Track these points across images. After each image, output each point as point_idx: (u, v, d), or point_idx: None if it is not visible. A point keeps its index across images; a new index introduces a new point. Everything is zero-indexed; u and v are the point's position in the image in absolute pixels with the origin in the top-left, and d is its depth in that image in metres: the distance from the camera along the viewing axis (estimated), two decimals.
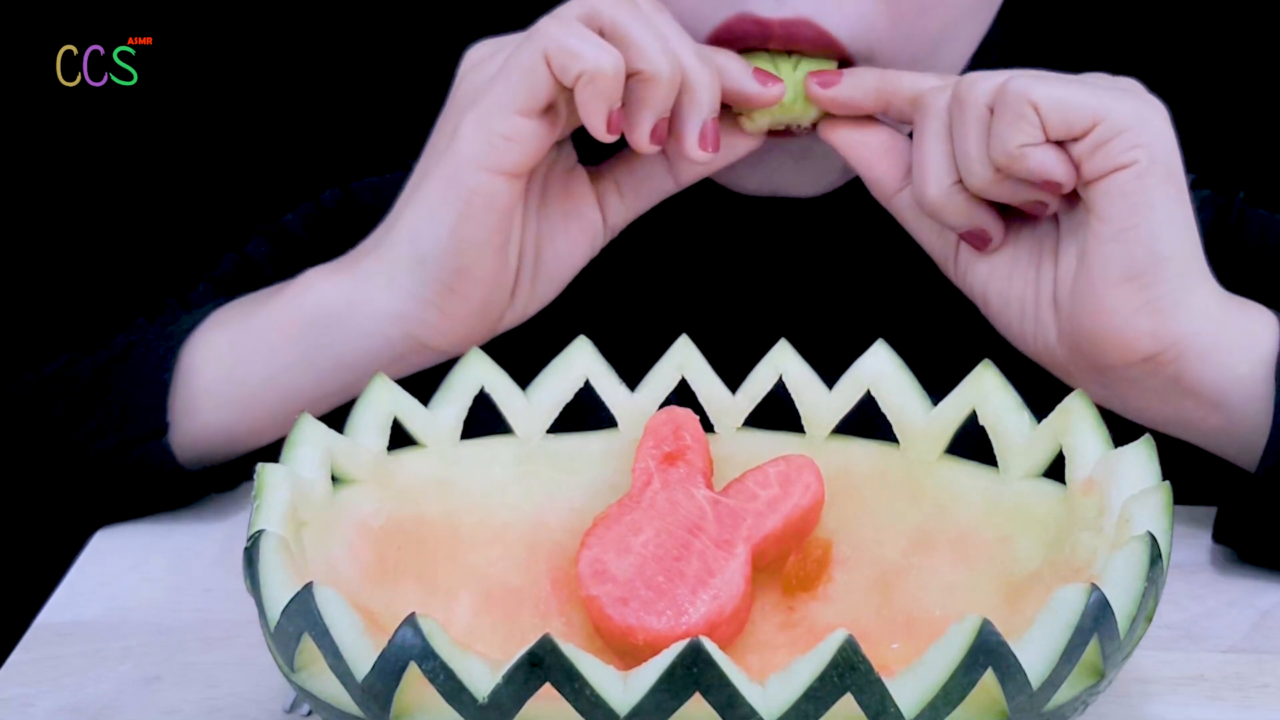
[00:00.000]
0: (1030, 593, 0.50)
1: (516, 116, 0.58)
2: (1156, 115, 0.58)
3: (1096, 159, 0.57)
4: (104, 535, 0.66)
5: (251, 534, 0.47)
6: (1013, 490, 0.53)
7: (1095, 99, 0.57)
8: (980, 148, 0.58)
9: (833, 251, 0.71)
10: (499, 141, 0.58)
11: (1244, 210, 0.73)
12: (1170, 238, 0.57)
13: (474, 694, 0.41)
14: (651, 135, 0.59)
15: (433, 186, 0.60)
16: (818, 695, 0.41)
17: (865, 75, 0.61)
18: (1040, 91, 0.56)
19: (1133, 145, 0.56)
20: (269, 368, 0.63)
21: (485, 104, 0.59)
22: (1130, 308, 0.58)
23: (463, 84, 0.62)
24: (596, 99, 0.57)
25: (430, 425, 0.56)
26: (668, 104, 0.59)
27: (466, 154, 0.59)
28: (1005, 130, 0.57)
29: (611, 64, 0.57)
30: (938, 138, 0.59)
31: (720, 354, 0.59)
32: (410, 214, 0.61)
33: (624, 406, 0.58)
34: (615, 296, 0.71)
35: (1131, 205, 0.57)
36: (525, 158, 0.59)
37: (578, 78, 0.57)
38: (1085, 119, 0.56)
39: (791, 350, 0.58)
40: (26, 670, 0.56)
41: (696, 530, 0.52)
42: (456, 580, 0.53)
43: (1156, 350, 0.58)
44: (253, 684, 0.55)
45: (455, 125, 0.60)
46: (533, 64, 0.57)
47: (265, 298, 0.65)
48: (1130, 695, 0.54)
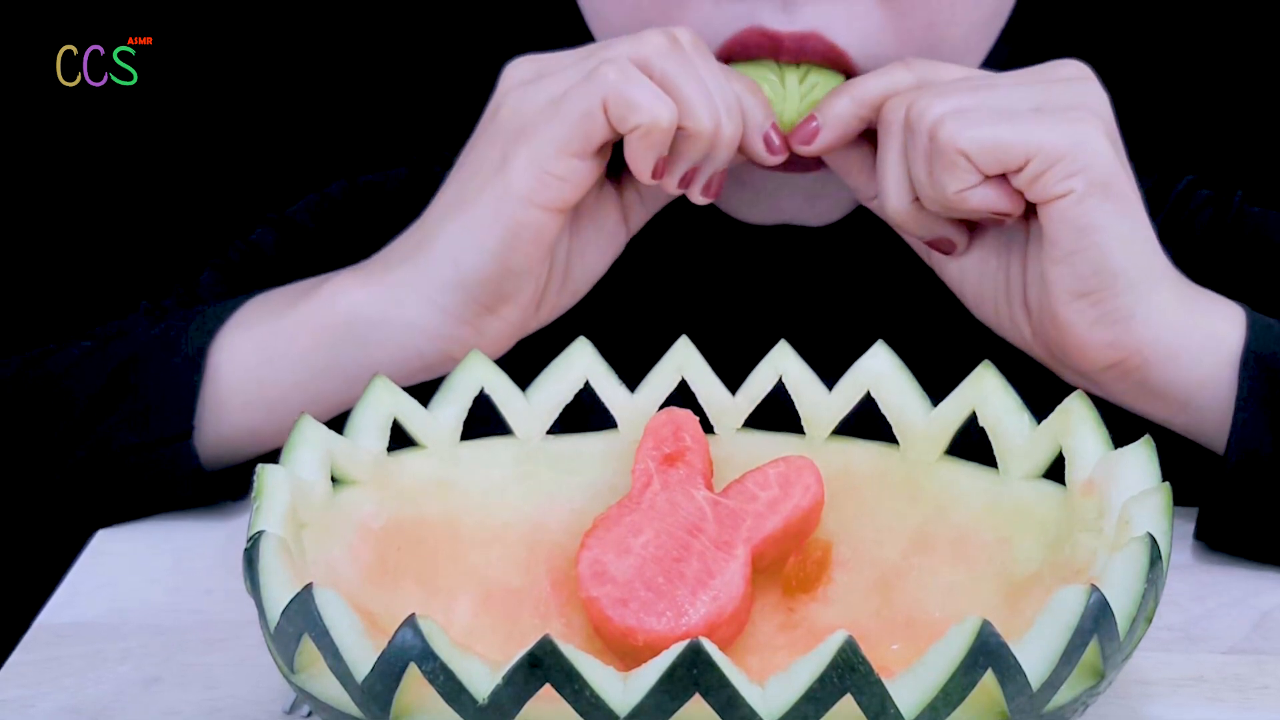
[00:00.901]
0: (1030, 594, 0.50)
1: (571, 158, 0.59)
2: (1090, 132, 0.57)
3: (1035, 190, 0.57)
4: (104, 536, 0.66)
5: (251, 535, 0.47)
6: (1013, 491, 0.53)
7: (1024, 135, 0.57)
8: (928, 177, 0.59)
9: (833, 253, 0.71)
10: (552, 181, 0.59)
11: (1242, 208, 0.74)
12: (1118, 252, 0.58)
13: (474, 695, 0.41)
14: (681, 181, 0.61)
15: (479, 213, 0.60)
16: (818, 696, 0.41)
17: (835, 104, 0.61)
18: (967, 137, 0.57)
19: (1067, 175, 0.57)
20: (298, 373, 0.63)
21: (539, 141, 0.59)
22: (1086, 321, 0.59)
23: (505, 105, 0.61)
24: (649, 150, 0.58)
25: (430, 426, 0.56)
26: (702, 156, 0.60)
27: (518, 188, 0.59)
28: (942, 177, 0.58)
29: (668, 118, 0.58)
30: (896, 155, 0.60)
31: (720, 355, 0.59)
32: (453, 235, 0.61)
33: (624, 407, 0.58)
34: (615, 298, 0.71)
35: (1076, 230, 0.57)
36: (575, 195, 0.60)
37: (634, 129, 0.58)
38: (1017, 157, 0.57)
39: (791, 351, 0.58)
40: (26, 671, 0.56)
41: (696, 531, 0.52)
42: (456, 581, 0.53)
43: (1118, 358, 0.60)
44: (253, 685, 0.55)
45: (504, 154, 0.60)
46: (590, 109, 0.58)
47: (291, 300, 0.65)
48: (1130, 696, 0.54)
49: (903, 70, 0.61)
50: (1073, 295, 0.59)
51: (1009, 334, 0.63)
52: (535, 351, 0.60)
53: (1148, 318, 0.59)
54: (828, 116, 0.61)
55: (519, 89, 0.61)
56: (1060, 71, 0.60)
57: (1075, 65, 0.61)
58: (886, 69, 0.61)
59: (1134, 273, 0.59)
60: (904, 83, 0.61)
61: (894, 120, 0.60)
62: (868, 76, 0.62)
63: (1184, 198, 0.75)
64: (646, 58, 0.58)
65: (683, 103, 0.58)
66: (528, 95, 0.60)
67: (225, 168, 1.19)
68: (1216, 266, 0.69)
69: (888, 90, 0.61)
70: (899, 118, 0.59)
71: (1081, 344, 0.59)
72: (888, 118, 0.60)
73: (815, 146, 0.62)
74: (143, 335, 0.67)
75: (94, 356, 0.66)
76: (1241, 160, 1.05)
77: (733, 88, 0.60)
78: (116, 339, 0.67)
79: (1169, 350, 0.60)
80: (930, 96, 0.59)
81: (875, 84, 0.61)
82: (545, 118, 0.59)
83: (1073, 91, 0.59)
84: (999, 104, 0.58)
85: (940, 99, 0.58)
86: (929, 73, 0.61)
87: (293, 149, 1.17)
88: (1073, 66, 0.61)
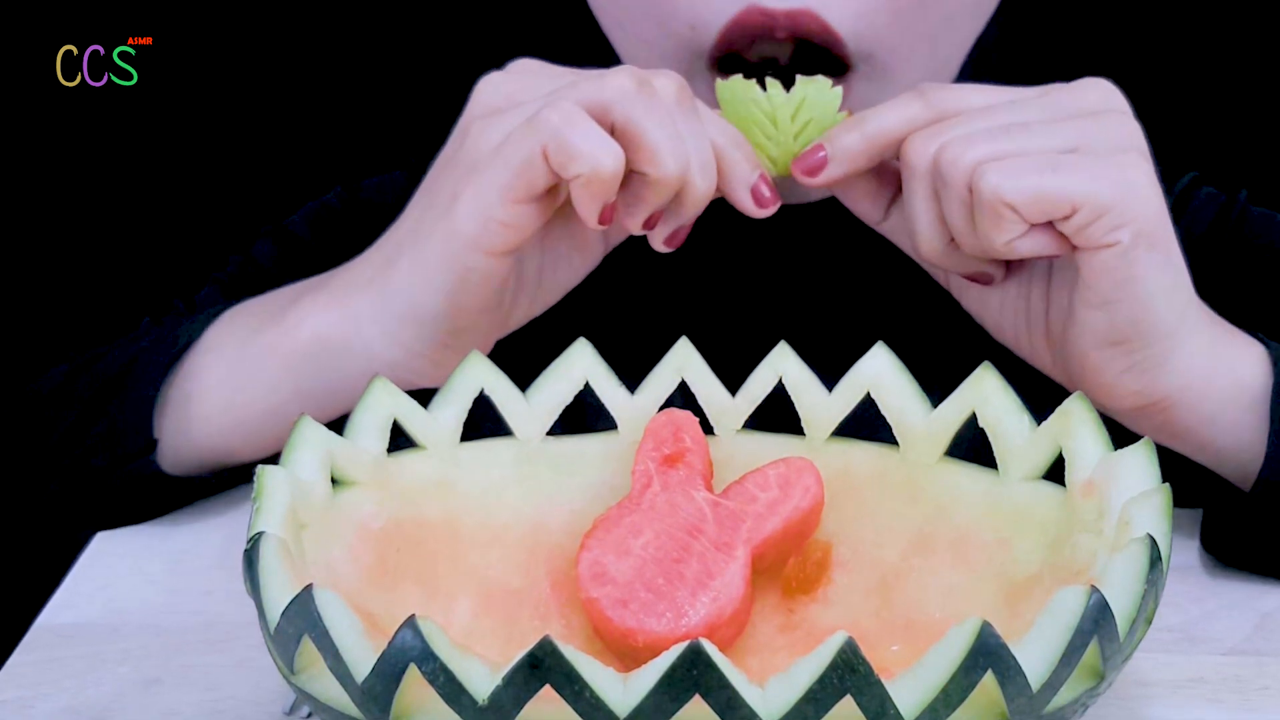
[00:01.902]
0: (1030, 595, 0.50)
1: (515, 204, 0.57)
2: (1138, 179, 0.55)
3: (1080, 237, 0.55)
4: (104, 538, 0.66)
5: (251, 536, 0.47)
6: (1012, 492, 0.53)
7: (1070, 185, 0.54)
8: (967, 225, 0.56)
9: (833, 254, 0.71)
10: (497, 228, 0.57)
11: (1246, 209, 0.74)
12: (1157, 305, 0.56)
13: (474, 696, 0.41)
14: (644, 224, 0.58)
15: (430, 254, 0.59)
16: (818, 697, 0.41)
17: (845, 139, 0.58)
18: (1011, 190, 0.54)
19: (1114, 226, 0.55)
20: (268, 400, 0.63)
21: (484, 186, 0.57)
22: (1116, 370, 0.58)
23: (468, 135, 0.59)
24: (591, 199, 0.56)
25: (430, 427, 0.56)
26: (665, 203, 0.58)
27: (464, 233, 0.57)
28: (988, 230, 0.55)
29: (611, 166, 0.55)
30: (926, 200, 0.57)
31: (720, 356, 0.59)
32: (407, 272, 0.60)
33: (624, 408, 0.58)
34: (615, 299, 0.71)
35: (1116, 281, 0.56)
36: (524, 238, 0.58)
37: (575, 177, 0.55)
38: (1063, 208, 0.54)
39: (791, 352, 0.58)
40: (26, 672, 0.56)
41: (696, 532, 0.52)
42: (456, 582, 0.53)
43: (1143, 404, 0.59)
44: (252, 686, 0.55)
45: (455, 192, 0.58)
46: (530, 157, 0.55)
47: (262, 322, 0.65)
48: (1130, 697, 0.54)
49: (917, 102, 0.58)
50: (1105, 343, 0.57)
51: (1029, 359, 0.62)
52: (535, 352, 0.60)
53: (1177, 366, 0.58)
54: (837, 150, 0.59)
55: (481, 121, 0.59)
56: (1089, 97, 0.57)
57: (1102, 88, 0.58)
58: (899, 101, 0.58)
59: (1170, 323, 0.57)
60: (920, 117, 0.58)
61: (919, 164, 0.57)
62: (880, 110, 0.58)
63: (1186, 195, 0.75)
64: (606, 102, 0.55)
65: (644, 149, 0.55)
66: (486, 131, 0.58)
67: (225, 167, 1.19)
68: (1217, 267, 0.69)
69: (903, 126, 0.58)
70: (924, 161, 0.57)
71: (1109, 388, 0.58)
72: (912, 161, 0.57)
73: (821, 179, 0.59)
74: (118, 355, 0.68)
75: (75, 381, 0.69)
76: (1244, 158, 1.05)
77: (712, 142, 0.58)
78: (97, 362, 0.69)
79: (1196, 397, 0.59)
80: (961, 142, 0.56)
81: (889, 120, 0.58)
82: (490, 161, 0.57)
83: (1111, 129, 0.56)
84: (1036, 146, 0.55)
85: (971, 145, 0.55)
86: (945, 102, 0.58)
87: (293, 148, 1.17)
88: (1101, 90, 0.58)
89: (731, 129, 0.59)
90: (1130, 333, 0.57)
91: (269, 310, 0.65)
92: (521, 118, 0.57)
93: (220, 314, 0.68)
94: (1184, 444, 0.60)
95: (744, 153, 0.59)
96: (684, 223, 0.59)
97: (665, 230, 0.59)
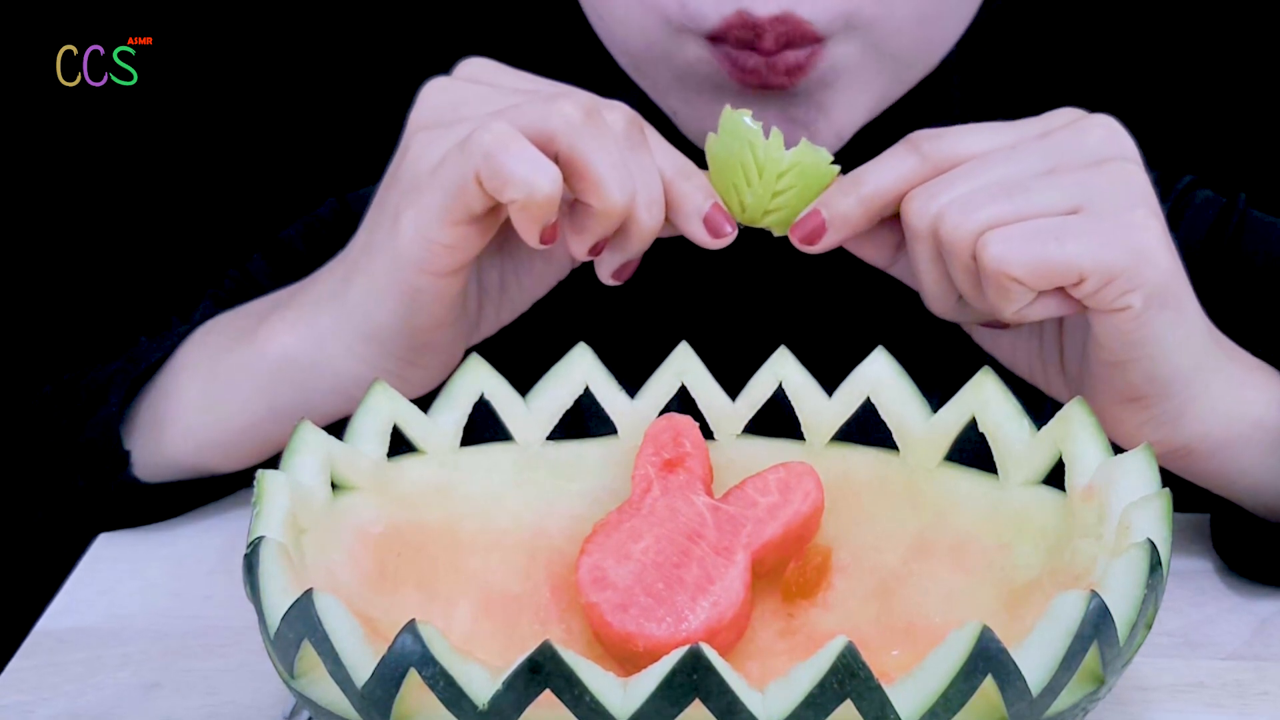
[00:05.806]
0: (1030, 600, 0.50)
1: (455, 226, 0.55)
2: (1146, 241, 0.53)
3: (1091, 301, 0.54)
4: (104, 542, 0.66)
5: (251, 541, 0.47)
6: (1012, 497, 0.53)
7: (1076, 253, 0.52)
8: (974, 290, 0.55)
9: (832, 258, 0.71)
10: (439, 249, 0.56)
11: (1245, 212, 0.73)
12: (1172, 360, 0.55)
13: (474, 700, 0.41)
14: (590, 251, 0.57)
15: (378, 273, 0.58)
16: (817, 702, 0.41)
17: (842, 205, 0.56)
18: (1016, 261, 0.52)
19: (1125, 291, 0.53)
20: (243, 418, 0.63)
21: (423, 207, 0.55)
22: (1134, 423, 0.57)
23: (410, 149, 0.57)
24: (530, 221, 0.54)
25: (430, 432, 0.56)
26: (609, 232, 0.56)
27: (407, 255, 0.56)
28: (997, 300, 0.54)
29: (546, 189, 0.53)
30: (930, 261, 0.56)
31: (720, 361, 0.59)
32: (361, 290, 0.59)
33: (624, 413, 0.58)
34: (615, 304, 0.71)
35: (1129, 342, 0.54)
36: (469, 257, 0.56)
37: (510, 201, 0.53)
38: (1070, 277, 0.52)
39: (791, 357, 0.58)
40: (26, 677, 0.57)
41: (696, 537, 0.52)
42: (456, 587, 0.53)
43: (1163, 453, 0.58)
44: (252, 691, 0.55)
45: (397, 210, 0.57)
46: (464, 181, 0.53)
47: (234, 341, 0.65)
48: (1130, 702, 0.54)
49: (912, 157, 0.56)
50: (1122, 399, 0.56)
51: (1045, 391, 0.61)
52: (535, 356, 0.60)
53: (1197, 414, 0.57)
54: (834, 216, 0.56)
55: (423, 134, 0.57)
56: (1092, 141, 0.55)
57: (1106, 128, 0.55)
58: (892, 157, 0.56)
59: (1186, 374, 0.56)
60: (916, 172, 0.56)
61: (920, 226, 0.55)
62: (874, 169, 0.56)
63: (1183, 198, 0.74)
64: (551, 130, 0.53)
65: (588, 180, 0.54)
66: (426, 148, 0.56)
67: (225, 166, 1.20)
68: (1217, 272, 0.69)
69: (900, 185, 0.56)
70: (925, 224, 0.55)
71: (1128, 439, 0.57)
72: (913, 224, 0.55)
73: (820, 247, 0.57)
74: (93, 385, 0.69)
75: (62, 399, 0.70)
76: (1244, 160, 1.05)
77: (662, 173, 0.56)
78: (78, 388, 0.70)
79: (1216, 443, 0.58)
80: (961, 207, 0.53)
81: (885, 179, 0.56)
82: (428, 183, 0.55)
83: (1116, 183, 0.54)
84: (1039, 208, 0.53)
85: (972, 210, 0.53)
86: (940, 152, 0.55)
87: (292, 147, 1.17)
88: (1105, 130, 0.55)
89: (683, 160, 0.58)
90: (1146, 389, 0.56)
91: (241, 327, 0.65)
92: (459, 136, 0.55)
93: (193, 332, 0.68)
94: (1205, 483, 0.60)
95: (695, 183, 0.57)
96: (630, 257, 0.57)
97: (613, 263, 0.58)
